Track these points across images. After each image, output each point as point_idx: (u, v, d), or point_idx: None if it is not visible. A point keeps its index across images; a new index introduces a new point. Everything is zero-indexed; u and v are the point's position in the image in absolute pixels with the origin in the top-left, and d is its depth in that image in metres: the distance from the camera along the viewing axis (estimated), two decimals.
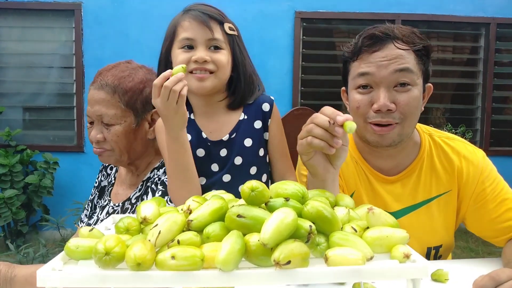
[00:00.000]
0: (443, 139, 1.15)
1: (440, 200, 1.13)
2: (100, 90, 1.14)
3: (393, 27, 1.03)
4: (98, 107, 1.14)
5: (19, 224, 3.70)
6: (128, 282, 0.49)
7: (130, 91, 1.15)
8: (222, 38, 1.10)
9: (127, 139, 1.16)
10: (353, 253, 0.51)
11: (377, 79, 1.00)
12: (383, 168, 1.13)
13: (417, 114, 1.04)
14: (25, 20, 4.04)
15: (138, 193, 1.22)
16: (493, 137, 4.35)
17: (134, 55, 4.31)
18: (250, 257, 0.52)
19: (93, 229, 0.62)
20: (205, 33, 1.07)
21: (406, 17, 4.12)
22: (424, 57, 1.03)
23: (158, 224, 0.56)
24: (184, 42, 1.08)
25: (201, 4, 1.13)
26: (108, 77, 1.15)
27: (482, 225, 1.12)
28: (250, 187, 0.58)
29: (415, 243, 1.13)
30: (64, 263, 0.56)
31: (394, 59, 0.99)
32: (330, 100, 4.31)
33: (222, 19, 1.11)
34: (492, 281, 0.78)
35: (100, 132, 1.16)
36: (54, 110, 4.10)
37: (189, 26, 1.08)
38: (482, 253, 3.41)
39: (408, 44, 1.01)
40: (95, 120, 1.16)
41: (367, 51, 1.02)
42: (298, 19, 4.10)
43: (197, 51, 1.07)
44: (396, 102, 1.00)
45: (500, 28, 4.26)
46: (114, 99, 1.14)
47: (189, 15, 1.09)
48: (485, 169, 1.11)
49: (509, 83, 4.39)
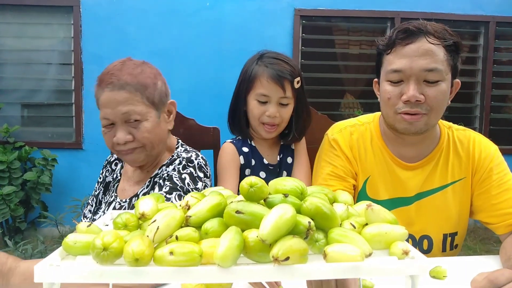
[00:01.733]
0: (460, 131, 1.24)
1: (456, 187, 1.19)
2: (121, 90, 1.13)
3: (426, 23, 1.08)
4: (123, 107, 1.13)
5: (18, 221, 3.69)
6: (126, 278, 0.49)
7: (148, 87, 1.17)
8: (290, 94, 1.32)
9: (155, 133, 1.19)
10: (351, 249, 0.51)
11: (407, 73, 1.06)
12: (405, 156, 1.20)
13: (443, 107, 1.10)
14: (23, 16, 4.02)
15: (146, 189, 1.22)
16: (492, 135, 4.35)
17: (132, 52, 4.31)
18: (248, 253, 0.52)
19: (91, 225, 0.61)
20: (278, 92, 1.29)
21: (405, 15, 4.11)
22: (453, 53, 1.07)
23: (156, 219, 0.56)
24: (261, 97, 1.32)
25: (275, 58, 1.32)
26: (125, 76, 1.15)
27: (483, 211, 1.17)
28: (249, 183, 0.57)
29: (432, 229, 1.21)
30: (62, 259, 0.56)
31: (424, 54, 1.04)
32: (330, 98, 4.31)
33: (293, 76, 1.30)
34: (491, 284, 0.77)
35: (128, 132, 1.15)
36: (52, 107, 4.08)
37: (267, 85, 1.30)
38: (480, 251, 3.43)
39: (440, 39, 1.05)
40: (118, 121, 1.14)
41: (400, 43, 1.08)
42: (297, 17, 4.09)
43: (270, 106, 1.31)
44: (425, 95, 1.06)
45: (499, 27, 4.26)
46: (137, 96, 1.14)
47: (267, 73, 1.29)
48: (496, 159, 1.18)
49: (508, 81, 4.40)
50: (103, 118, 1.16)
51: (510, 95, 4.50)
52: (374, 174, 1.22)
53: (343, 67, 4.34)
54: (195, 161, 1.23)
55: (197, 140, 1.44)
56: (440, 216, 1.19)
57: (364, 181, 1.23)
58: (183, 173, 1.19)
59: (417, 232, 1.20)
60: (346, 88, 4.32)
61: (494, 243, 3.39)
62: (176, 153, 1.29)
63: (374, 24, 4.23)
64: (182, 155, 1.25)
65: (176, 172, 1.19)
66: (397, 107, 1.09)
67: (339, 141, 1.24)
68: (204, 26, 4.01)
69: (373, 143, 1.24)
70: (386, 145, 1.22)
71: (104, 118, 1.16)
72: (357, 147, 1.24)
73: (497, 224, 1.12)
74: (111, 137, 1.17)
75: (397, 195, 1.19)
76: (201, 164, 1.25)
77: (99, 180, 1.40)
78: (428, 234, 1.21)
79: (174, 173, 1.18)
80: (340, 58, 4.34)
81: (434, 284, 0.93)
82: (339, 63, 4.34)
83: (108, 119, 1.15)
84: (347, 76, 4.31)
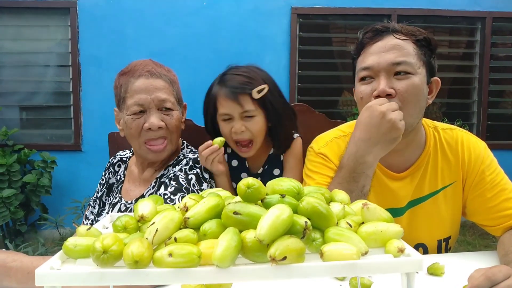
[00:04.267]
0: (447, 131, 1.18)
1: (447, 192, 1.16)
2: (158, 78, 1.19)
3: (394, 24, 1.08)
4: (161, 94, 1.18)
5: (18, 224, 3.69)
6: (126, 280, 0.50)
7: (175, 83, 1.25)
8: (252, 107, 1.29)
9: (180, 126, 1.26)
10: (348, 248, 0.52)
11: (376, 69, 1.04)
12: (393, 164, 1.16)
13: (418, 103, 1.06)
14: (20, 18, 4.02)
15: (152, 190, 1.23)
16: (489, 130, 4.37)
17: (131, 53, 4.31)
18: (246, 254, 0.53)
19: (90, 228, 0.62)
20: (236, 108, 1.28)
21: (402, 11, 4.12)
22: (424, 48, 1.05)
23: (155, 222, 0.56)
24: (223, 116, 1.31)
25: (232, 74, 1.31)
26: (159, 69, 1.22)
27: (479, 214, 1.15)
28: (246, 184, 0.58)
29: (426, 237, 1.18)
30: (62, 262, 0.56)
31: (392, 49, 1.03)
32: (328, 96, 4.32)
33: (250, 88, 1.28)
34: (488, 281, 0.77)
35: (161, 119, 1.18)
36: (51, 109, 4.09)
37: (225, 104, 1.29)
38: (479, 246, 3.44)
39: (408, 35, 1.04)
40: (153, 107, 1.18)
41: (368, 43, 1.07)
42: (294, 15, 4.09)
43: (234, 123, 1.30)
44: (395, 89, 1.03)
45: (496, 22, 4.26)
46: (171, 88, 1.22)
47: (222, 92, 1.29)
48: (486, 159, 1.14)
49: (505, 77, 4.41)
50: (136, 104, 1.17)
51: (508, 90, 4.51)
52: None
53: (341, 64, 4.34)
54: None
55: (195, 141, 1.44)
56: (432, 222, 1.16)
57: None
58: (190, 174, 1.20)
59: (411, 241, 1.16)
60: (344, 86, 4.33)
61: (493, 238, 3.39)
62: (182, 153, 1.30)
63: (371, 21, 4.24)
64: (189, 156, 1.26)
65: (182, 173, 1.20)
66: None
67: (327, 154, 1.19)
68: (202, 26, 4.01)
69: None
70: None
71: (136, 104, 1.17)
72: None
73: (494, 226, 1.11)
74: (140, 123, 1.17)
75: (388, 206, 1.15)
76: None
77: (102, 182, 1.41)
78: (422, 242, 1.18)
79: (180, 174, 1.19)
80: (337, 56, 4.35)
81: (432, 281, 0.93)
82: (337, 60, 4.34)
83: (141, 105, 1.17)
84: (344, 74, 4.31)
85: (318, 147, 1.22)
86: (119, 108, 1.24)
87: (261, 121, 1.31)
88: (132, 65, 1.23)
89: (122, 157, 1.43)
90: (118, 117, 1.27)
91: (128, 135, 1.22)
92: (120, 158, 1.43)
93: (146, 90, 1.16)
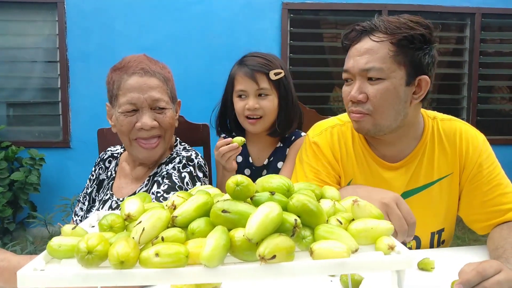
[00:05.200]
0: (445, 122, 1.18)
1: (442, 183, 1.16)
2: (152, 77, 1.17)
3: (380, 19, 1.06)
4: (154, 93, 1.16)
5: (6, 222, 3.64)
6: (111, 281, 0.48)
7: (169, 81, 1.23)
8: (268, 86, 1.36)
9: (174, 125, 1.24)
10: (338, 246, 0.51)
11: (352, 73, 1.07)
12: (387, 155, 1.17)
13: (392, 106, 1.05)
14: (6, 13, 3.94)
15: (144, 188, 1.22)
16: (479, 126, 4.36)
17: (120, 48, 4.26)
18: (235, 253, 0.52)
19: (76, 227, 0.61)
20: (252, 85, 1.35)
21: (393, 7, 4.13)
22: (406, 48, 1.02)
23: (142, 221, 0.55)
24: (239, 93, 1.38)
25: (252, 56, 1.40)
26: (153, 66, 1.20)
27: (472, 207, 1.15)
28: (235, 182, 0.57)
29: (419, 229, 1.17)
30: (46, 263, 0.55)
31: (365, 53, 1.04)
32: (319, 92, 4.32)
33: (267, 69, 1.35)
34: (479, 276, 0.77)
35: (154, 118, 1.17)
36: (38, 106, 4.02)
37: (242, 81, 1.36)
38: (469, 241, 3.48)
39: (387, 35, 1.02)
40: (146, 106, 1.16)
41: (349, 45, 1.10)
42: (285, 11, 4.07)
43: (249, 100, 1.36)
44: (367, 93, 1.05)
45: (485, 18, 4.29)
46: (165, 86, 1.20)
47: (241, 70, 1.37)
48: (484, 152, 1.14)
49: (494, 72, 4.45)
50: (128, 103, 1.15)
51: (497, 86, 4.56)
52: (357, 176, 1.18)
53: (332, 60, 4.34)
54: (195, 160, 1.23)
55: (186, 138, 1.43)
56: (426, 214, 1.15)
57: (347, 184, 1.20)
58: (183, 172, 1.19)
59: None
60: (335, 81, 4.33)
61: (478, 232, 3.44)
62: (175, 151, 1.28)
63: (362, 17, 4.24)
64: (182, 154, 1.24)
65: (176, 171, 1.18)
66: (348, 106, 1.11)
67: (319, 144, 1.20)
68: (193, 20, 3.97)
69: (355, 143, 1.20)
70: (368, 145, 1.18)
71: (129, 103, 1.15)
72: (338, 149, 1.20)
73: (485, 222, 1.11)
74: (133, 121, 1.16)
75: None
76: (200, 163, 1.25)
77: (92, 178, 1.38)
78: (415, 235, 1.17)
79: (174, 172, 1.18)
80: (328, 52, 4.34)
81: (422, 276, 0.94)
82: (328, 56, 4.34)
83: (134, 104, 1.15)
84: (335, 70, 4.31)
85: (313, 135, 1.24)
86: (111, 104, 1.22)
87: (274, 101, 1.38)
88: (126, 60, 1.20)
89: (113, 152, 1.40)
90: (110, 112, 1.25)
91: (120, 132, 1.20)
92: (111, 153, 1.40)
93: (139, 89, 1.14)
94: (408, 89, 1.05)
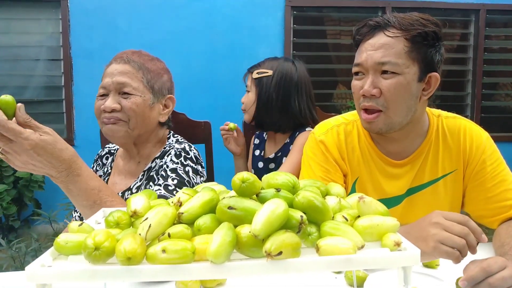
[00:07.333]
0: (450, 119, 1.19)
1: (447, 180, 1.16)
2: (126, 64, 1.20)
3: (393, 15, 1.06)
4: (121, 77, 1.18)
5: (11, 219, 3.66)
6: (118, 277, 0.49)
7: (152, 72, 1.23)
8: (249, 83, 1.64)
9: (142, 113, 1.20)
10: (344, 242, 0.51)
11: (365, 66, 1.06)
12: (393, 152, 1.17)
13: (404, 102, 1.05)
14: (10, 11, 3.95)
15: (139, 182, 1.22)
16: (483, 123, 4.38)
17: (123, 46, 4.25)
18: (241, 249, 0.52)
19: (82, 224, 0.61)
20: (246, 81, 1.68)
21: (397, 4, 4.11)
22: (420, 44, 1.03)
23: (148, 217, 0.55)
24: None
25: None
26: (134, 56, 1.22)
27: (477, 204, 1.15)
28: (241, 179, 0.57)
29: None
30: (53, 259, 0.55)
31: (380, 48, 1.03)
32: (322, 89, 4.30)
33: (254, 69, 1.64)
34: (483, 272, 0.77)
35: (117, 102, 1.18)
36: (42, 104, 4.04)
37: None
38: None
39: (402, 31, 1.02)
40: (113, 90, 1.18)
41: (361, 40, 1.09)
42: (288, 8, 4.06)
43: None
44: (380, 88, 1.04)
45: (489, 14, 4.27)
46: (138, 74, 1.20)
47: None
48: (488, 149, 1.14)
49: (498, 69, 4.43)
50: (101, 87, 1.20)
51: (501, 82, 4.53)
52: (363, 174, 1.18)
53: (335, 57, 4.33)
54: (190, 153, 1.24)
55: (188, 135, 1.43)
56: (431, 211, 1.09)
57: (353, 182, 1.20)
58: (186, 166, 1.20)
59: None
60: (338, 79, 4.32)
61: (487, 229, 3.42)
62: (168, 144, 1.29)
63: (365, 14, 4.22)
64: (175, 146, 1.24)
65: (179, 165, 1.19)
66: (359, 101, 1.09)
67: (326, 143, 1.20)
68: (195, 18, 3.97)
69: (361, 141, 1.20)
70: (374, 143, 1.19)
71: (101, 87, 1.20)
72: (345, 148, 1.20)
73: (492, 217, 1.11)
74: (100, 105, 1.19)
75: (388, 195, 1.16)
76: (196, 155, 1.25)
77: None
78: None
79: (178, 166, 1.18)
80: (332, 49, 4.33)
81: (427, 273, 0.93)
82: (331, 53, 4.33)
83: (104, 87, 1.19)
84: (339, 67, 4.30)
85: (319, 133, 1.24)
86: None
87: (251, 97, 1.63)
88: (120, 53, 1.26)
89: (110, 149, 1.42)
90: None
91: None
92: (108, 150, 1.42)
93: (110, 74, 1.19)
94: (420, 85, 1.06)
